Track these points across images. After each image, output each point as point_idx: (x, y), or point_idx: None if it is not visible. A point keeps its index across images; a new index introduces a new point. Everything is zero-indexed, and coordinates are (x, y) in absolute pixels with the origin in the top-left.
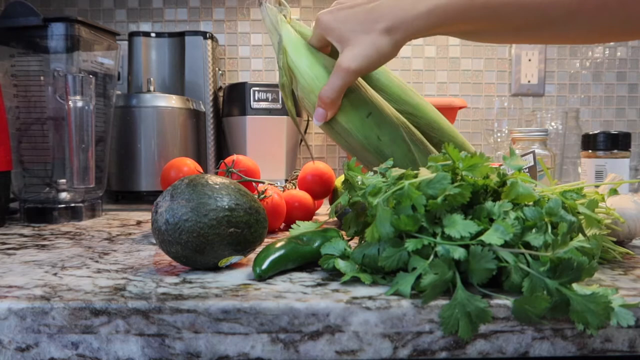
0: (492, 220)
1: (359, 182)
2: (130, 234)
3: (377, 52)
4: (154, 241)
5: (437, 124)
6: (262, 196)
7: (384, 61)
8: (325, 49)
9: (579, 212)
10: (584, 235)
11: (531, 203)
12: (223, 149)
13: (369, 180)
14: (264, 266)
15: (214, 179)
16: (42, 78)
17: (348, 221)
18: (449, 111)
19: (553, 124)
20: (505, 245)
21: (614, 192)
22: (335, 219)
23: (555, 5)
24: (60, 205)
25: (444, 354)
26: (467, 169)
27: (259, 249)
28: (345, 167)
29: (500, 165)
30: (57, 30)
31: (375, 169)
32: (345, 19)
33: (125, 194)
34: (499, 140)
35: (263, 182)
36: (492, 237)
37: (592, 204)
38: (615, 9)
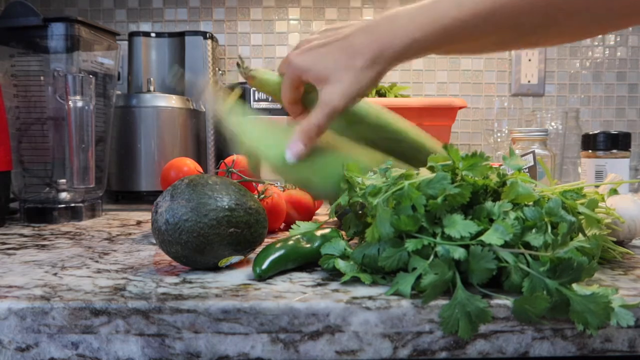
0: (492, 221)
1: (359, 183)
2: (130, 234)
3: (359, 87)
4: (154, 241)
5: (421, 146)
6: (262, 196)
7: (366, 94)
8: (298, 90)
9: (579, 212)
10: (584, 235)
11: (531, 203)
12: (223, 149)
13: (369, 181)
14: (264, 266)
15: (214, 179)
16: (42, 78)
17: (348, 221)
18: (449, 111)
19: (553, 124)
20: (505, 245)
21: (613, 192)
22: (335, 219)
23: (548, 9)
24: (60, 205)
25: (444, 354)
26: (467, 169)
27: (259, 249)
28: (344, 169)
29: (500, 165)
30: (57, 30)
31: (374, 169)
32: (320, 58)
33: (125, 194)
34: (499, 140)
35: (263, 182)
36: (492, 237)
37: (592, 204)
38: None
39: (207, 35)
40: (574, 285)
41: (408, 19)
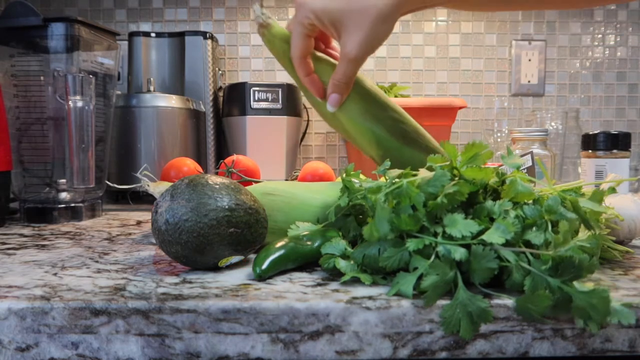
0: (492, 220)
1: (358, 186)
2: (130, 234)
3: (377, 34)
4: (154, 241)
5: (421, 130)
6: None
7: (384, 41)
8: (310, 40)
9: (581, 209)
10: (590, 228)
11: (530, 201)
12: (223, 149)
13: (368, 184)
14: (264, 266)
15: (214, 179)
16: (42, 78)
17: (348, 225)
18: (449, 111)
19: (553, 124)
20: (507, 244)
21: (612, 191)
22: None
23: None
24: (60, 205)
25: (444, 354)
26: (468, 161)
27: (259, 249)
28: (343, 173)
29: (500, 165)
30: (57, 30)
31: (373, 172)
32: (335, 4)
33: (126, 194)
34: (499, 140)
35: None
36: (493, 236)
37: (597, 196)
38: None
39: (207, 35)
40: (575, 283)
41: None
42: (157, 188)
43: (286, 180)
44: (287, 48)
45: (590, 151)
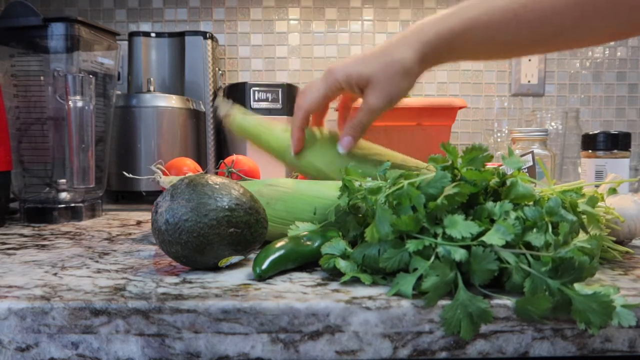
0: (492, 221)
1: (358, 186)
2: (130, 234)
3: (399, 88)
4: (154, 241)
5: (399, 157)
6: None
7: (404, 95)
8: (328, 99)
9: (580, 211)
10: (586, 232)
11: (531, 203)
12: (223, 149)
13: (368, 185)
14: (264, 266)
15: (214, 179)
16: (42, 78)
17: (347, 225)
18: (449, 111)
19: (553, 124)
20: (507, 245)
21: (612, 191)
22: None
23: (562, 15)
24: (60, 205)
25: (444, 354)
26: (467, 164)
27: (259, 249)
28: (342, 173)
29: (500, 165)
30: (57, 30)
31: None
32: (362, 64)
33: (125, 194)
34: (499, 140)
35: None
36: (494, 237)
37: (593, 201)
38: (623, 11)
39: (207, 35)
40: (575, 285)
41: (440, 18)
42: (168, 180)
43: None
44: (253, 132)
45: (590, 151)
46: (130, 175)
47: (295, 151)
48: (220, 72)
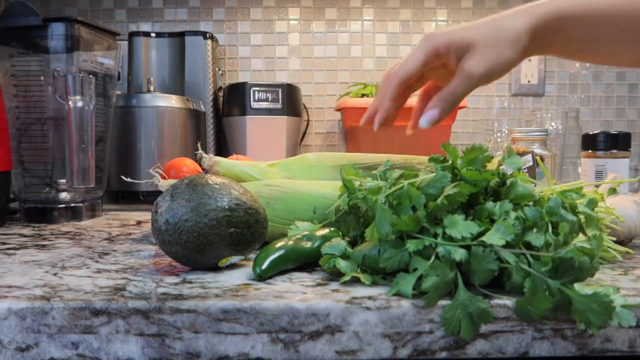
0: (492, 221)
1: (358, 186)
2: (130, 234)
3: (503, 60)
4: (154, 241)
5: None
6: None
7: (508, 70)
8: (425, 66)
9: (579, 212)
10: (585, 234)
11: (531, 203)
12: (223, 149)
13: (368, 185)
14: (264, 266)
15: (214, 179)
16: (42, 78)
17: (347, 224)
18: None
19: (553, 124)
20: (507, 245)
21: (612, 191)
22: None
23: None
24: (60, 205)
25: (444, 354)
26: (467, 163)
27: (259, 249)
28: (342, 173)
29: (500, 165)
30: (57, 30)
31: (373, 172)
32: (464, 31)
33: (125, 194)
34: (499, 140)
35: None
36: (494, 237)
37: (592, 203)
38: None
39: (207, 35)
40: (575, 285)
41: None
42: (166, 183)
43: None
44: (240, 175)
45: (590, 151)
46: (130, 180)
47: (381, 124)
48: (220, 72)
